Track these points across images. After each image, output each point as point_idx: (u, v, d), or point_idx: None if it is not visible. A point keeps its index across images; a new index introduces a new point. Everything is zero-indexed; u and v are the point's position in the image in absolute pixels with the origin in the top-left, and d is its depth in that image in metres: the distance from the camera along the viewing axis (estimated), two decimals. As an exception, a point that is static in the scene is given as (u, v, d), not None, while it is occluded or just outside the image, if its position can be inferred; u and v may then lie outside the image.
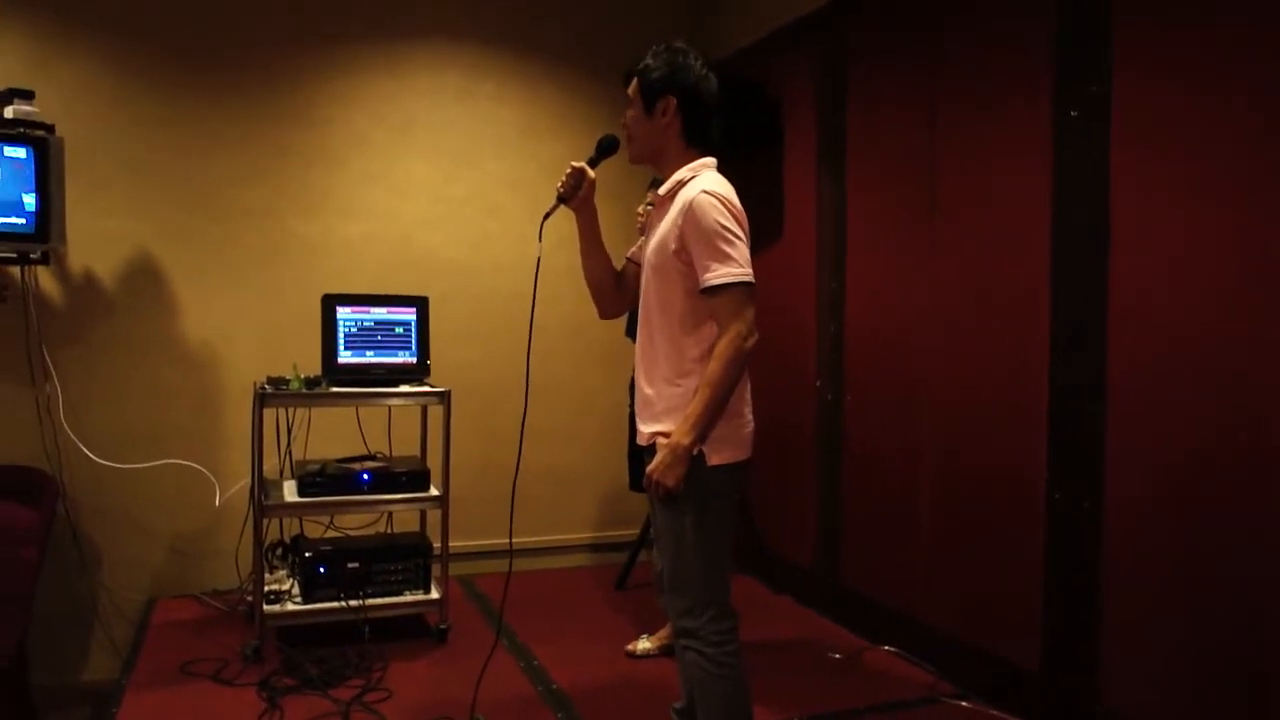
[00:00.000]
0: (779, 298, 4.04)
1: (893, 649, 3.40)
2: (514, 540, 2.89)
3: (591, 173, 2.33)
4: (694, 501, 2.12)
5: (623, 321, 3.88)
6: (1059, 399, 2.77)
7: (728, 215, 2.09)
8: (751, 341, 2.08)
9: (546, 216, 2.38)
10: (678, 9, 4.74)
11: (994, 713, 2.91)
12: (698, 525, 2.13)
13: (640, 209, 3.36)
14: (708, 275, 2.08)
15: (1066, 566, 2.73)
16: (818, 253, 3.91)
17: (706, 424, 2.07)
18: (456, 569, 4.01)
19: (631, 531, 4.36)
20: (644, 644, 3.39)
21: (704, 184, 2.13)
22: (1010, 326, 2.95)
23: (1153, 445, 2.48)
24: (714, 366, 2.06)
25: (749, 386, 2.22)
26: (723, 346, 2.06)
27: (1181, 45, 2.42)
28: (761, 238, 2.17)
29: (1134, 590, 2.54)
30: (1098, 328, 2.62)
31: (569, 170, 2.32)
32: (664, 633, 3.37)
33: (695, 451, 2.08)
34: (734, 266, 2.07)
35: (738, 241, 2.09)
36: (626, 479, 4.00)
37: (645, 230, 2.40)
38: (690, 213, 2.09)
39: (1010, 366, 2.94)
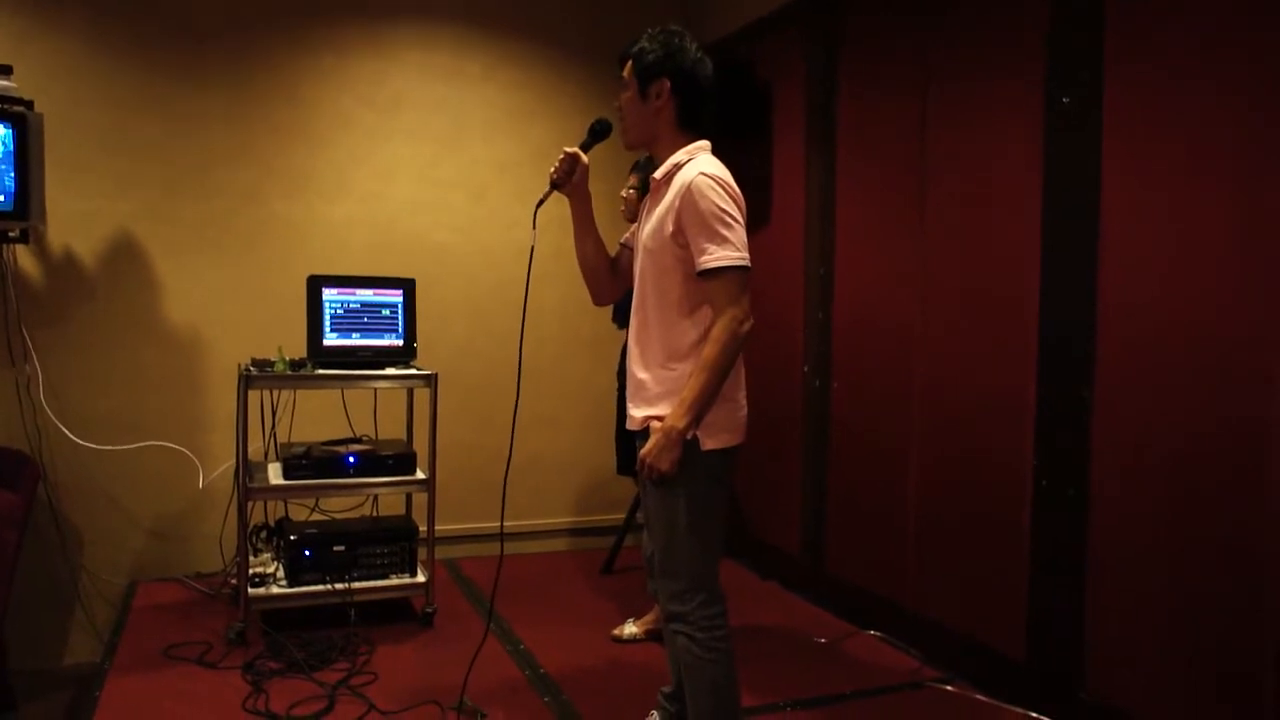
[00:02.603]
0: (767, 284, 4.03)
1: (878, 634, 3.42)
2: (501, 524, 2.89)
3: (585, 158, 2.31)
4: (687, 486, 2.11)
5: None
6: (1046, 387, 2.78)
7: (726, 198, 2.08)
8: (747, 326, 2.07)
9: (540, 203, 2.36)
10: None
11: (979, 698, 2.93)
12: (690, 510, 2.13)
13: (624, 192, 3.34)
14: (704, 258, 2.07)
15: (1052, 554, 2.75)
16: (805, 239, 3.91)
17: (702, 408, 2.07)
18: (442, 552, 4.00)
19: (617, 516, 4.36)
20: (629, 629, 3.40)
21: (701, 166, 2.12)
22: (999, 313, 2.95)
23: (1139, 434, 2.50)
24: (710, 350, 2.06)
25: (743, 372, 2.21)
26: (718, 331, 2.06)
27: (1174, 32, 2.42)
28: (750, 223, 2.16)
29: (1119, 578, 2.56)
30: (1086, 315, 2.63)
31: (562, 156, 2.30)
32: (650, 617, 3.37)
33: (689, 436, 2.08)
34: (731, 250, 2.06)
35: (735, 225, 2.08)
36: (613, 463, 3.98)
37: (635, 215, 2.38)
38: (688, 195, 2.08)
39: (998, 354, 2.95)
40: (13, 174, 3.25)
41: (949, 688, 3.01)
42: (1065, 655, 2.70)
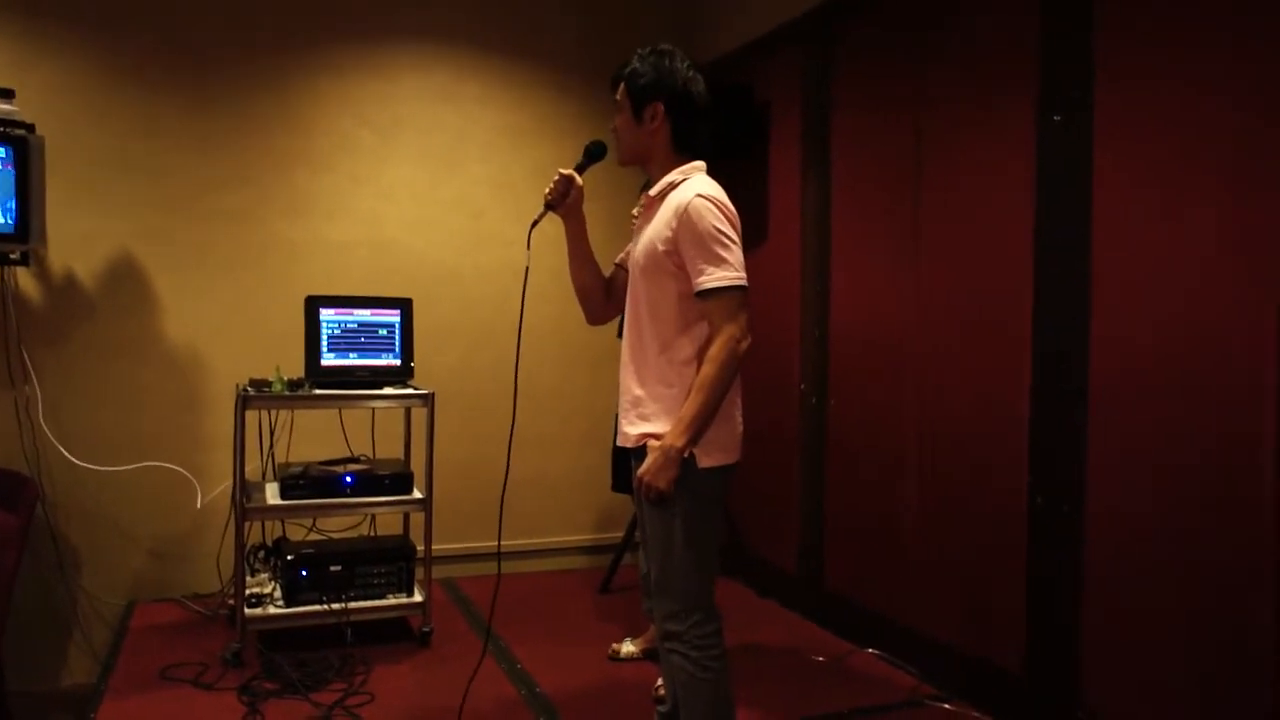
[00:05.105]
0: (763, 301, 4.03)
1: (876, 652, 3.41)
2: (498, 543, 2.89)
3: (579, 179, 2.33)
4: (684, 504, 2.12)
5: (611, 325, 3.87)
6: (1041, 403, 2.79)
7: (722, 219, 2.10)
8: (745, 345, 2.09)
9: (534, 224, 2.38)
10: (666, 11, 4.74)
11: (977, 715, 2.92)
12: (686, 528, 2.13)
13: (635, 211, 3.35)
14: (702, 279, 2.08)
15: (1048, 570, 2.75)
16: (802, 256, 3.92)
17: (701, 427, 2.08)
18: (439, 572, 4.00)
19: (615, 534, 4.35)
20: (628, 647, 3.39)
21: (698, 187, 2.14)
22: (993, 330, 2.97)
23: (1134, 450, 2.50)
24: (708, 369, 2.07)
25: (741, 390, 2.22)
26: (716, 350, 2.07)
27: (1163, 48, 2.44)
28: (746, 241, 2.18)
29: (1116, 593, 2.56)
30: (1080, 332, 2.64)
31: (557, 177, 2.32)
32: (648, 636, 3.37)
33: (687, 454, 2.09)
34: (729, 270, 2.08)
35: (732, 245, 2.10)
36: (609, 482, 3.99)
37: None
38: (685, 215, 2.10)
39: (993, 370, 2.96)
40: (14, 197, 3.28)
41: (947, 705, 3.00)
42: (1063, 670, 2.69)
